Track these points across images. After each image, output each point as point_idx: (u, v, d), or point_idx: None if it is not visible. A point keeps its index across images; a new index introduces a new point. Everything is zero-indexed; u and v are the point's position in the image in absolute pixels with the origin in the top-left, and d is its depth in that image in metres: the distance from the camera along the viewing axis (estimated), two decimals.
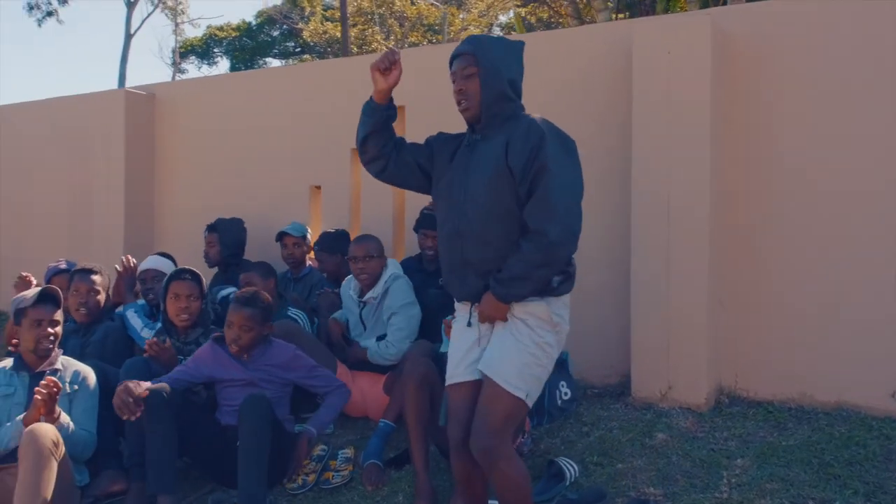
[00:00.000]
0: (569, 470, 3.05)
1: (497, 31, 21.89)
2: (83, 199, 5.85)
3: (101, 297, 3.90)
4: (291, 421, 3.49)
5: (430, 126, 4.43)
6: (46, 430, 2.77)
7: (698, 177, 3.59)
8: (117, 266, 3.99)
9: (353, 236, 4.17)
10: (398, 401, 3.37)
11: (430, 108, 4.46)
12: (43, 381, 2.93)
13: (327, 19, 25.25)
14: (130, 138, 5.52)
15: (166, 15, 27.95)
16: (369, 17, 23.05)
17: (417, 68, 4.58)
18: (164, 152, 5.70)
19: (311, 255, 4.66)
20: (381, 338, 3.76)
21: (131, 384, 3.06)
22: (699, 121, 3.60)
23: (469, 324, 2.51)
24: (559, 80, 4.16)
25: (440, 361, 3.17)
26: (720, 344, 3.72)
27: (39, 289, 3.27)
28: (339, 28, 23.08)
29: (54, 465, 2.74)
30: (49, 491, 2.71)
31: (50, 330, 3.21)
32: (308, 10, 25.30)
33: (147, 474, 3.06)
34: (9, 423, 3.05)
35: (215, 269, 4.76)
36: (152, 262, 4.15)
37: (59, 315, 3.27)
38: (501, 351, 2.39)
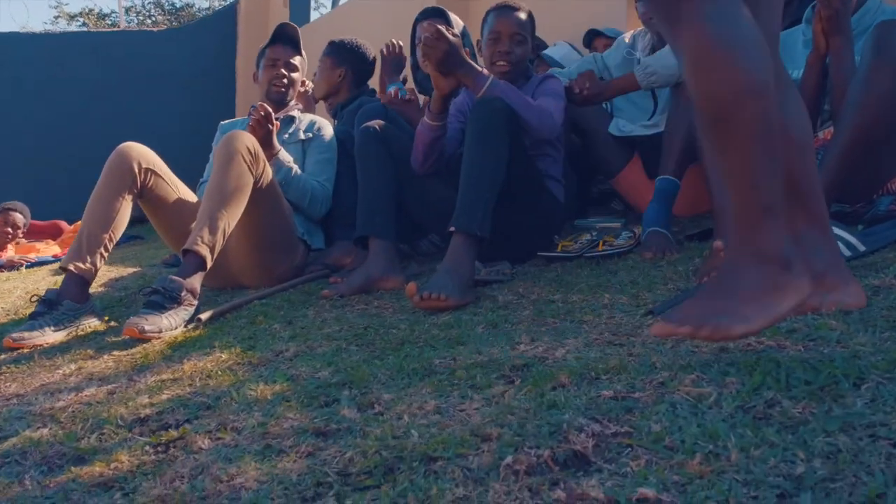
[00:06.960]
0: None
1: None
2: None
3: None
4: (560, 185, 2.60)
5: None
6: (241, 135, 2.39)
7: None
8: (382, 49, 3.51)
9: None
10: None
11: None
12: (254, 106, 2.56)
13: None
14: None
15: None
16: None
17: None
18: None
19: None
20: None
21: None
22: None
23: None
24: None
25: None
26: None
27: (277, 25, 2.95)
28: None
29: (244, 168, 2.33)
30: (238, 195, 2.29)
31: (284, 72, 2.89)
32: None
33: (357, 219, 2.51)
34: None
35: None
36: None
37: (296, 60, 2.93)
38: None
